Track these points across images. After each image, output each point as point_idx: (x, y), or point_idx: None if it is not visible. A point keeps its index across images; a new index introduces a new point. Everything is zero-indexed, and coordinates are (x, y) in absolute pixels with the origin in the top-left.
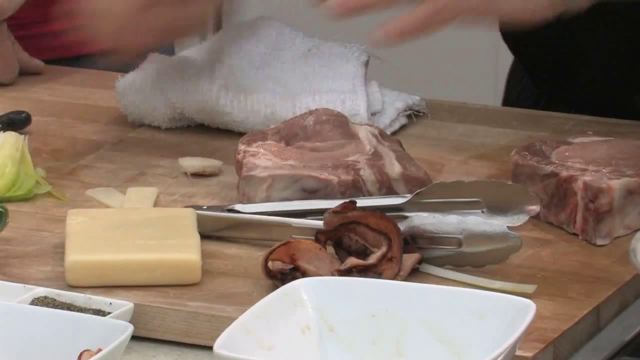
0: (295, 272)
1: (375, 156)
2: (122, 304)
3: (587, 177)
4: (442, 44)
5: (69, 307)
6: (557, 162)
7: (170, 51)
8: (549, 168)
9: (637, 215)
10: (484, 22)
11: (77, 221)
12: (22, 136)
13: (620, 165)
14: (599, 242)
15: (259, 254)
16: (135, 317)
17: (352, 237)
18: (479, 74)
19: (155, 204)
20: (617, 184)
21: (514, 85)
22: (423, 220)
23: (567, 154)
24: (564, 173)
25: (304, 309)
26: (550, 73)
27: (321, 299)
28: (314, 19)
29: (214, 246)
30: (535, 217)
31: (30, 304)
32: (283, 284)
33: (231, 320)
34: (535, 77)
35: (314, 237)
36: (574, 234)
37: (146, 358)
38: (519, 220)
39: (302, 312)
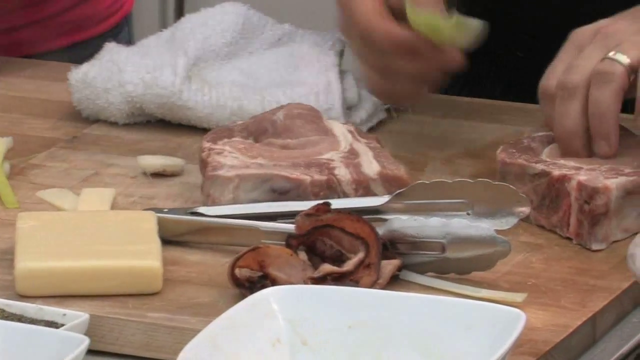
0: (264, 280)
1: (351, 154)
2: (77, 315)
3: (582, 177)
4: None
5: (20, 318)
6: (547, 160)
7: (128, 41)
8: (540, 167)
9: (635, 217)
10: None
11: (27, 225)
12: (6, 139)
13: (617, 162)
14: (595, 246)
15: (225, 261)
16: (91, 329)
17: (326, 242)
18: None
19: (112, 207)
20: (614, 183)
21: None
22: (403, 223)
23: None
24: (556, 172)
25: (275, 320)
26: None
27: (293, 309)
28: (285, 4)
29: (176, 252)
30: (525, 220)
31: None
32: (251, 293)
33: (195, 332)
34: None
35: (284, 242)
36: (568, 237)
37: None
38: (507, 223)
39: (273, 323)
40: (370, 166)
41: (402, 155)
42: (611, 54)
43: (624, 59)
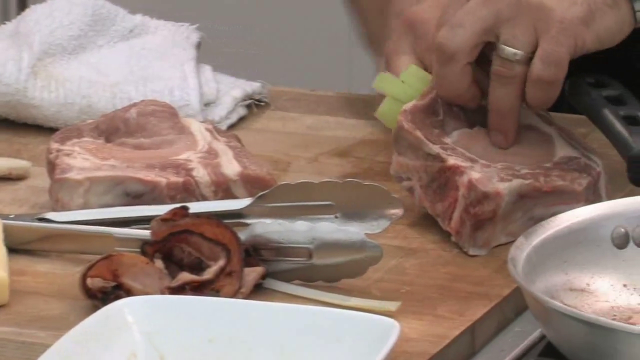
0: (118, 291)
1: (210, 154)
2: None
3: (475, 174)
4: (286, 22)
5: None
6: (448, 143)
7: None
8: (436, 149)
9: (524, 222)
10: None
11: None
12: None
13: (516, 160)
14: (472, 252)
15: (76, 270)
16: None
17: (185, 249)
18: (330, 58)
19: None
20: (506, 188)
21: None
22: (267, 228)
23: (470, 138)
24: (451, 161)
25: (130, 333)
26: None
27: (149, 321)
28: None
29: (23, 261)
30: (400, 220)
31: None
32: (104, 304)
33: (45, 347)
34: None
35: (139, 250)
36: (445, 238)
37: None
38: (378, 226)
39: (127, 337)
40: (231, 166)
41: (264, 154)
42: (502, 50)
43: (519, 55)
